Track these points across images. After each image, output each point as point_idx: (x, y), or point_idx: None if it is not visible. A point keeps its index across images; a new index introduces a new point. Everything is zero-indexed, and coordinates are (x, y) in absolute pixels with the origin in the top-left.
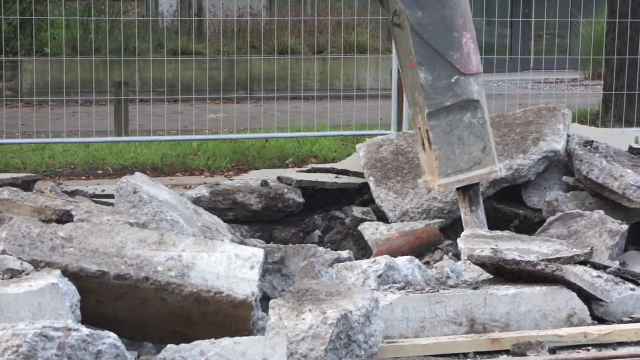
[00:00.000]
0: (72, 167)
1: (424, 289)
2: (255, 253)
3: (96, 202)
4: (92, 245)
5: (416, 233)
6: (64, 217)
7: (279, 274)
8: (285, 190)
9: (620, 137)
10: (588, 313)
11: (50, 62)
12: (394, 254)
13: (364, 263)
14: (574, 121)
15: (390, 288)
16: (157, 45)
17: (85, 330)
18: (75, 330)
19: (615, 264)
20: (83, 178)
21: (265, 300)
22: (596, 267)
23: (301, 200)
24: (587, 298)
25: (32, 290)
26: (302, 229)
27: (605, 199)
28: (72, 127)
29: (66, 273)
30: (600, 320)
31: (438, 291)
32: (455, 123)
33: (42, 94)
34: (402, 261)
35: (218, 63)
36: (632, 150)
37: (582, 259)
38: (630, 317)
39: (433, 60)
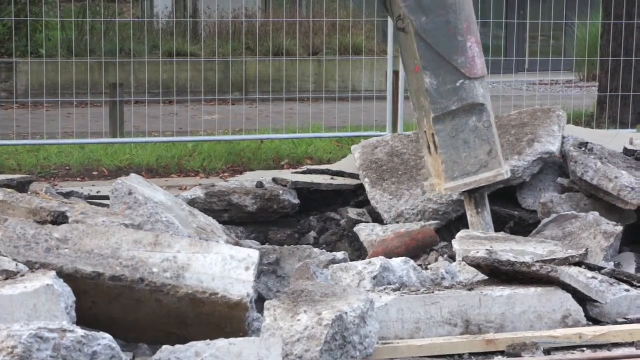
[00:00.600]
0: (67, 168)
1: (419, 290)
2: (250, 254)
3: (91, 204)
4: (87, 247)
5: (412, 234)
6: (59, 219)
7: (274, 275)
8: (281, 192)
9: (615, 139)
10: (583, 314)
11: (45, 63)
12: (390, 255)
13: (359, 264)
14: (568, 122)
15: (385, 289)
16: (152, 46)
17: (80, 332)
18: (70, 331)
19: (610, 265)
20: (78, 179)
21: (260, 301)
22: (591, 268)
23: (296, 201)
24: (582, 299)
25: (27, 291)
26: (297, 230)
27: (600, 200)
28: (67, 128)
29: (61, 274)
30: (594, 321)
31: (433, 292)
32: (460, 127)
33: (37, 95)
34: (397, 262)
35: (213, 64)
36: (626, 151)
37: (577, 260)
38: (625, 318)
39: (438, 65)
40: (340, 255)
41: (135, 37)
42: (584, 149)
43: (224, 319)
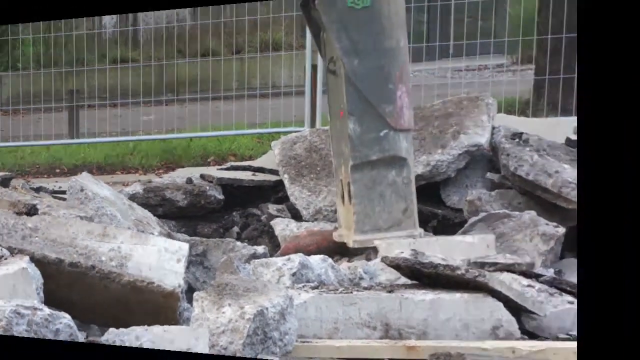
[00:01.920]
0: (37, 166)
1: (337, 289)
2: (181, 247)
3: (55, 198)
4: (52, 235)
5: (324, 234)
6: (32, 210)
7: (201, 266)
8: (207, 188)
9: (556, 128)
10: (517, 326)
11: (21, 75)
12: (300, 251)
13: (279, 260)
14: (499, 111)
15: (304, 286)
16: (102, 55)
17: (47, 310)
18: (39, 309)
19: (550, 273)
20: (45, 176)
21: (189, 291)
22: (526, 275)
23: (221, 197)
24: (516, 309)
25: (9, 272)
26: (222, 224)
27: (537, 198)
28: (37, 131)
29: (33, 259)
30: (531, 335)
31: (351, 292)
32: (378, 179)
33: (16, 104)
34: (315, 260)
35: (150, 68)
36: (569, 142)
37: (524, 268)
38: (568, 334)
39: (364, 111)
40: (260, 249)
41: (87, 48)
42: (517, 140)
43: (160, 306)
